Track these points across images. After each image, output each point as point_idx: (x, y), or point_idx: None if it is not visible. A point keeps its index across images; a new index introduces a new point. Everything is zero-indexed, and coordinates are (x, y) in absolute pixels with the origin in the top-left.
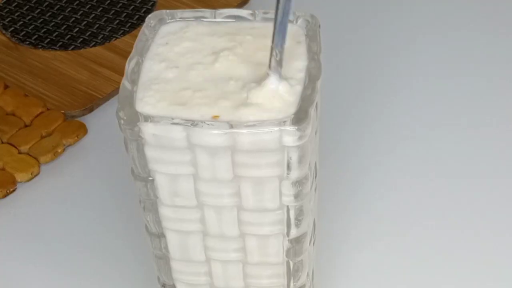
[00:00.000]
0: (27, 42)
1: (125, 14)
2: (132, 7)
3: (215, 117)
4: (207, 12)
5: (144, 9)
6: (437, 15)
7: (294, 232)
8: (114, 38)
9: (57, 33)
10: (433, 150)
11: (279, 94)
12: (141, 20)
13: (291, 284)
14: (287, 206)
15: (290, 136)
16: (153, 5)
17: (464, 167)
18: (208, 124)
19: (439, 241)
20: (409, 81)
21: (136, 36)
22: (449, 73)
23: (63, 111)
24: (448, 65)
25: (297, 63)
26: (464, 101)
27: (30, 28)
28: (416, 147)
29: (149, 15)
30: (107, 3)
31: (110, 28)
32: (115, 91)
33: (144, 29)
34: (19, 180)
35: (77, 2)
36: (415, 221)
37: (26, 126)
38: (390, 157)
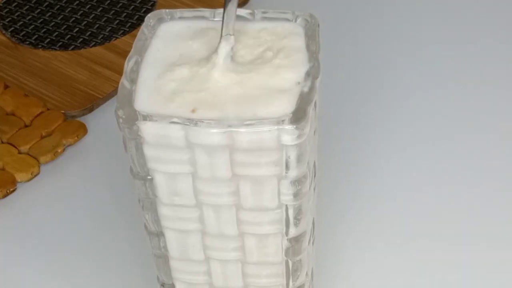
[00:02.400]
0: (27, 42)
1: (125, 14)
2: (132, 7)
3: (193, 111)
4: (206, 12)
5: (144, 9)
6: (438, 15)
7: (293, 231)
8: (114, 38)
9: (57, 33)
10: (434, 149)
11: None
12: (141, 20)
13: (290, 283)
14: (286, 205)
15: (288, 135)
16: (153, 5)
17: (466, 167)
18: (206, 123)
19: (439, 241)
20: (409, 81)
21: (136, 36)
22: (450, 73)
23: (63, 111)
24: (450, 65)
25: (296, 62)
26: (467, 103)
27: (30, 28)
28: (416, 147)
29: (149, 15)
30: (107, 3)
31: (110, 28)
32: (115, 91)
33: (144, 28)
34: (19, 180)
35: (77, 2)
36: (415, 221)
37: (26, 126)
38: (390, 157)
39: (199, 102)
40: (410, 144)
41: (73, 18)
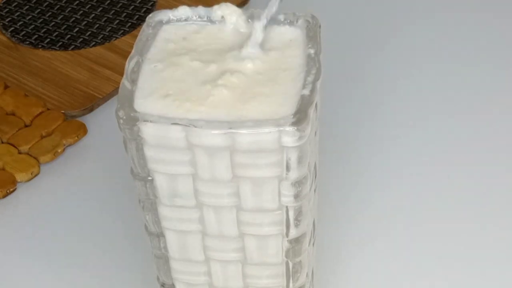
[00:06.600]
0: (27, 42)
1: (125, 14)
2: (132, 7)
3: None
4: (208, 11)
5: (144, 9)
6: (437, 15)
7: (293, 233)
8: (114, 38)
9: (57, 33)
10: (435, 150)
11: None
12: (141, 20)
13: (290, 284)
14: (287, 207)
15: (289, 137)
16: (153, 5)
17: (464, 165)
18: (207, 124)
19: (439, 241)
20: (410, 81)
21: (136, 36)
22: (450, 72)
23: (63, 111)
24: (449, 64)
25: (297, 63)
26: (467, 102)
27: (30, 28)
28: (416, 148)
29: (150, 15)
30: (107, 3)
31: (110, 28)
32: (115, 91)
33: (145, 28)
34: (19, 180)
35: (77, 2)
36: (415, 221)
37: (26, 126)
38: (390, 158)
39: (201, 103)
40: (411, 145)
41: (73, 18)
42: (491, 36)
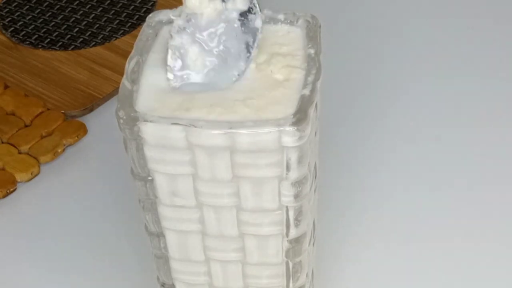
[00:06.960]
0: (27, 42)
1: (125, 14)
2: (132, 7)
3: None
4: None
5: (144, 9)
6: (438, 16)
7: (293, 233)
8: (114, 38)
9: (57, 33)
10: (433, 150)
11: None
12: (141, 20)
13: (290, 284)
14: (287, 207)
15: (289, 137)
16: (153, 5)
17: (465, 167)
18: (207, 124)
19: (439, 241)
20: (410, 82)
21: (136, 36)
22: (451, 75)
23: (63, 111)
24: (450, 67)
25: (296, 63)
26: (466, 102)
27: (30, 28)
28: (416, 148)
29: (150, 15)
30: (107, 3)
31: (110, 28)
32: (115, 91)
33: (145, 28)
34: (19, 180)
35: (77, 2)
36: (415, 222)
37: (26, 126)
38: (390, 158)
39: (201, 103)
40: (411, 145)
41: (73, 18)
42: (491, 37)
